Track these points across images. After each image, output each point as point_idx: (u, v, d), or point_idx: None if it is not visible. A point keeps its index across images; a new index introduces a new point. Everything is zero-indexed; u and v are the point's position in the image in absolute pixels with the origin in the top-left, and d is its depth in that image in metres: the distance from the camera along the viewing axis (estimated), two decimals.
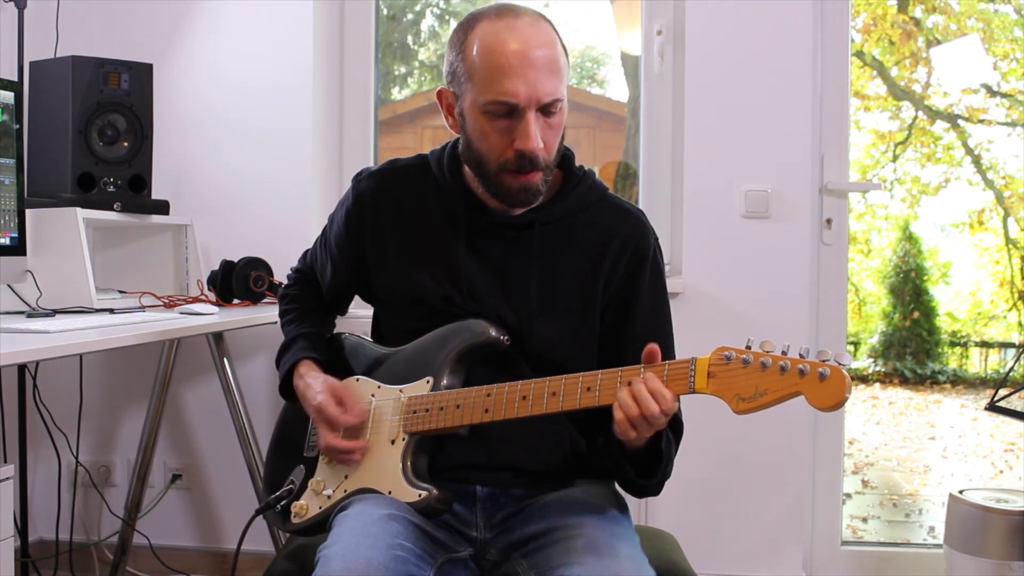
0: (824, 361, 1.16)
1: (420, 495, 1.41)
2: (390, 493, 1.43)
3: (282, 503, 1.55)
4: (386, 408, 1.49)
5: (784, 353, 1.19)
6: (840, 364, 1.15)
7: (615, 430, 1.31)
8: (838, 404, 1.15)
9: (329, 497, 1.49)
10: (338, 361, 1.62)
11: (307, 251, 1.78)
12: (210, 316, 2.18)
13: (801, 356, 1.18)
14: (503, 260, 1.50)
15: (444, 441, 1.48)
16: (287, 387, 1.59)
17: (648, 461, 1.41)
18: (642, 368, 1.29)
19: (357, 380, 1.56)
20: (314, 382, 1.53)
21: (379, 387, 1.52)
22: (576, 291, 1.50)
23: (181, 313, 2.17)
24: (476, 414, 1.40)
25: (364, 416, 1.50)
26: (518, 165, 1.41)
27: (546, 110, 1.39)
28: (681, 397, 1.51)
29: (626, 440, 1.33)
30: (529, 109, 1.38)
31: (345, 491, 1.48)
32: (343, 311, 1.76)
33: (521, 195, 1.44)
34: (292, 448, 1.61)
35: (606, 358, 1.49)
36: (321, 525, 1.47)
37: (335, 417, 1.48)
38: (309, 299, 1.71)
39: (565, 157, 1.53)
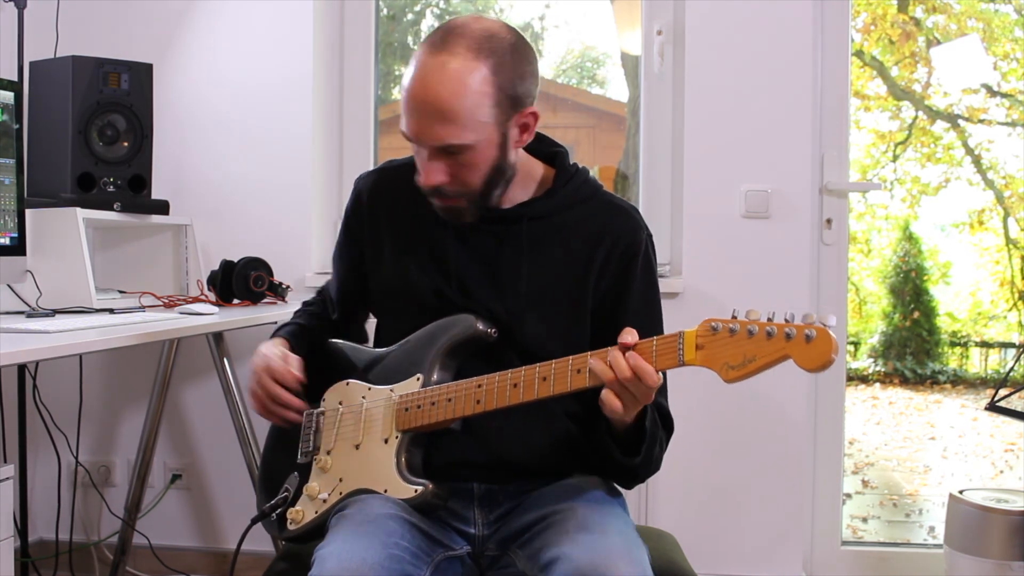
0: (809, 323, 1.16)
1: (416, 490, 1.41)
2: (386, 491, 1.43)
3: (277, 511, 1.53)
4: (377, 408, 1.49)
5: (770, 320, 1.20)
6: (825, 325, 1.16)
7: (601, 406, 1.31)
8: (825, 364, 1.15)
9: (324, 501, 1.48)
10: (327, 367, 1.60)
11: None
12: (210, 316, 2.18)
13: (787, 321, 1.18)
14: (493, 254, 1.51)
15: (438, 439, 1.47)
16: None
17: (633, 440, 1.41)
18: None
19: (347, 384, 1.55)
20: (273, 346, 1.56)
21: (369, 389, 1.52)
22: (567, 286, 1.50)
23: (181, 313, 2.17)
24: (468, 406, 1.40)
25: (302, 381, 1.52)
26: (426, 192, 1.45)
27: (446, 151, 1.40)
28: (677, 392, 1.52)
29: (613, 418, 1.33)
30: (422, 147, 1.40)
31: (340, 493, 1.47)
32: (351, 330, 1.73)
33: (447, 215, 1.47)
34: (286, 456, 1.59)
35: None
36: (318, 530, 1.46)
37: (279, 372, 1.50)
38: (315, 309, 1.73)
39: (558, 155, 1.55)
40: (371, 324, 1.69)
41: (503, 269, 1.50)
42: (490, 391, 1.39)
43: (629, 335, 1.29)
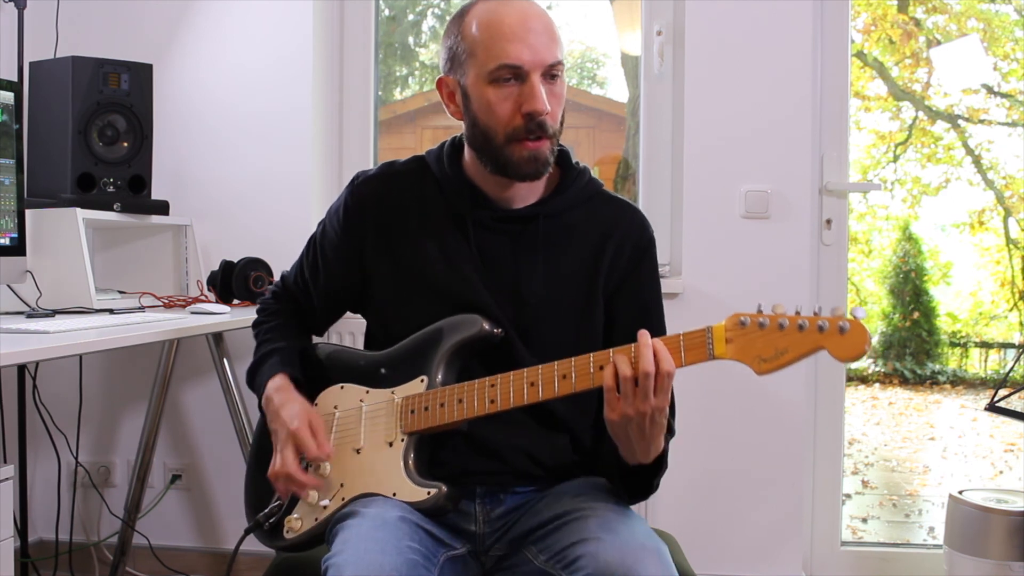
0: (840, 316, 1.18)
1: (429, 493, 1.39)
2: (394, 495, 1.40)
3: (271, 520, 1.49)
4: (379, 411, 1.46)
5: (798, 313, 1.20)
6: (856, 318, 1.17)
7: (605, 414, 1.30)
8: (860, 354, 1.17)
9: (325, 507, 1.44)
10: (317, 372, 1.58)
11: (286, 272, 1.73)
12: (214, 316, 2.18)
13: (816, 314, 1.19)
14: (509, 255, 1.50)
15: (440, 451, 1.46)
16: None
17: (640, 481, 1.40)
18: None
19: (342, 388, 1.53)
20: (291, 404, 1.48)
21: (367, 392, 1.49)
22: (580, 283, 1.50)
23: (193, 312, 2.17)
24: (480, 406, 1.37)
25: (330, 455, 1.46)
26: (527, 129, 1.41)
27: (549, 75, 1.42)
28: (678, 395, 1.52)
29: (624, 452, 1.34)
30: (534, 72, 1.41)
31: (343, 499, 1.43)
32: (322, 329, 1.70)
33: (531, 164, 1.43)
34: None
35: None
36: (317, 539, 1.44)
37: (310, 450, 1.44)
38: (287, 315, 1.67)
39: (562, 153, 1.54)
40: (347, 325, 1.68)
41: (520, 270, 1.49)
42: (505, 390, 1.36)
43: (647, 334, 1.28)
